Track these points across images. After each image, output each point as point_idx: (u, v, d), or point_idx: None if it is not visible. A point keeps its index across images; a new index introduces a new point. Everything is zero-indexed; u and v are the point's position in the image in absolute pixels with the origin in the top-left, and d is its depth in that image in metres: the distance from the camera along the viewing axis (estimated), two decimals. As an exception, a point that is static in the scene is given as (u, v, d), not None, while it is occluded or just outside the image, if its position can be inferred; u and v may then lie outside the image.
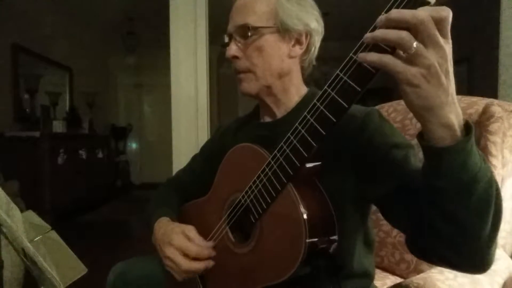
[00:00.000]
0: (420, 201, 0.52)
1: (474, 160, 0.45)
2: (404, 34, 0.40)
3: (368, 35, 0.43)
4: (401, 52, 0.42)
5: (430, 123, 0.44)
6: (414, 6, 0.41)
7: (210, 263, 0.71)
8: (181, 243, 0.71)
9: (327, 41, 0.81)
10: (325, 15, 0.77)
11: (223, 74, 5.39)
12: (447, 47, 0.41)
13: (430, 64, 0.40)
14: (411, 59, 0.41)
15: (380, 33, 0.42)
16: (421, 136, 0.47)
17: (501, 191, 0.87)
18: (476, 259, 0.51)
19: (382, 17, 0.42)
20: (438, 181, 0.46)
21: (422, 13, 0.39)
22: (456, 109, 0.44)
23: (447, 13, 0.40)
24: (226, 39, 0.76)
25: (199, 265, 0.70)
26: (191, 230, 0.73)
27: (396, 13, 0.40)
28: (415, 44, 0.40)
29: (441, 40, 0.40)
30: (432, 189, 0.48)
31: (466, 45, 3.80)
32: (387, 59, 0.41)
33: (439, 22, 0.40)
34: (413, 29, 0.40)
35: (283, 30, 0.72)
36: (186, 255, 0.71)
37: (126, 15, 4.41)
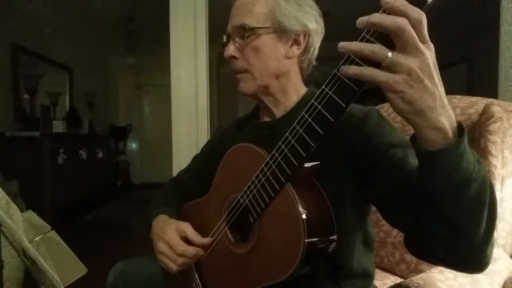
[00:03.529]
0: (417, 201, 0.52)
1: (467, 161, 0.45)
2: (376, 48, 0.42)
3: (343, 44, 0.44)
4: None
5: (421, 126, 0.44)
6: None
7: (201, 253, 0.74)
8: (171, 238, 0.73)
9: (327, 41, 0.81)
10: (325, 15, 0.76)
11: (223, 74, 5.39)
12: (428, 51, 0.42)
13: (410, 69, 0.41)
14: (391, 68, 0.42)
15: (355, 46, 0.43)
16: (414, 139, 0.47)
17: (501, 190, 0.88)
18: (472, 259, 0.51)
19: (363, 18, 0.42)
20: (431, 184, 0.47)
21: (402, 20, 0.40)
22: (447, 111, 0.44)
23: (422, 16, 0.41)
24: (225, 39, 0.77)
25: (190, 260, 0.73)
26: (187, 227, 0.74)
27: (377, 17, 0.41)
28: (389, 54, 0.41)
29: (420, 45, 0.41)
30: (426, 191, 0.48)
31: (466, 45, 3.81)
32: (367, 72, 0.42)
33: (416, 26, 0.41)
34: (393, 34, 0.41)
35: (280, 31, 0.72)
36: (173, 249, 0.73)
37: (126, 15, 4.41)
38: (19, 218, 0.69)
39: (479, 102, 0.93)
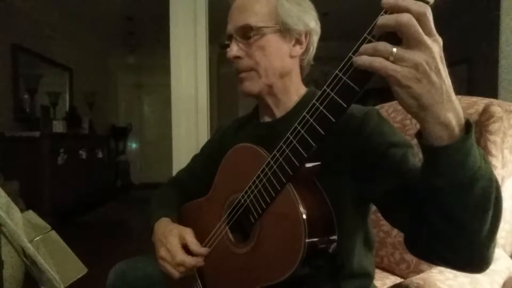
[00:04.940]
0: (419, 200, 0.52)
1: (473, 159, 0.44)
2: (379, 46, 0.42)
3: (355, 59, 0.44)
4: None
5: (427, 122, 0.44)
6: None
7: (201, 263, 0.73)
8: (172, 245, 0.73)
9: (327, 41, 0.81)
10: (324, 15, 0.77)
11: (223, 74, 5.39)
12: (435, 45, 0.41)
13: (417, 63, 0.41)
14: (397, 63, 0.41)
15: (362, 48, 0.44)
16: (420, 135, 0.47)
17: (501, 191, 0.88)
18: (474, 259, 0.51)
19: (375, 28, 0.43)
20: (436, 180, 0.46)
21: (404, 16, 0.40)
22: (454, 107, 0.43)
23: (424, 9, 0.41)
24: (226, 41, 0.76)
25: (191, 267, 0.72)
26: (188, 234, 0.74)
27: (382, 19, 0.42)
28: (394, 49, 0.41)
29: (426, 39, 0.41)
30: (431, 188, 0.48)
31: (466, 45, 3.81)
32: (377, 63, 0.42)
33: (420, 19, 0.40)
34: (398, 31, 0.41)
35: (284, 30, 0.72)
36: (173, 258, 0.72)
37: (126, 15, 4.41)
38: (19, 218, 0.69)
39: (479, 102, 0.93)
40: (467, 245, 0.49)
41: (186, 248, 0.74)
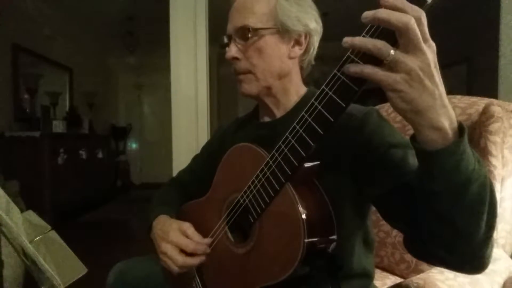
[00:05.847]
0: (417, 202, 0.52)
1: (467, 162, 0.45)
2: (379, 44, 0.41)
3: (347, 39, 0.43)
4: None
5: (420, 126, 0.44)
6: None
7: (205, 257, 0.72)
8: (178, 239, 0.72)
9: (327, 41, 0.81)
10: (324, 15, 0.76)
11: (223, 74, 5.39)
12: (429, 51, 0.42)
13: (410, 68, 0.41)
14: (391, 66, 0.42)
15: (358, 41, 0.43)
16: (414, 139, 0.47)
17: (501, 191, 0.88)
18: (471, 260, 0.51)
19: (369, 12, 0.42)
20: (431, 183, 0.47)
21: (407, 17, 0.40)
22: (447, 112, 0.44)
23: (420, 14, 0.41)
24: (226, 40, 0.76)
25: (194, 260, 0.72)
26: (188, 227, 0.74)
27: (384, 13, 0.41)
28: (391, 51, 0.41)
29: (422, 44, 0.41)
30: (426, 191, 0.48)
31: (466, 45, 3.81)
32: (368, 70, 0.43)
33: (418, 24, 0.40)
34: (397, 32, 0.41)
35: (282, 31, 0.71)
36: (182, 251, 0.72)
37: (126, 15, 4.41)
38: (19, 218, 0.69)
39: (479, 102, 0.93)
40: (464, 247, 0.49)
41: None
